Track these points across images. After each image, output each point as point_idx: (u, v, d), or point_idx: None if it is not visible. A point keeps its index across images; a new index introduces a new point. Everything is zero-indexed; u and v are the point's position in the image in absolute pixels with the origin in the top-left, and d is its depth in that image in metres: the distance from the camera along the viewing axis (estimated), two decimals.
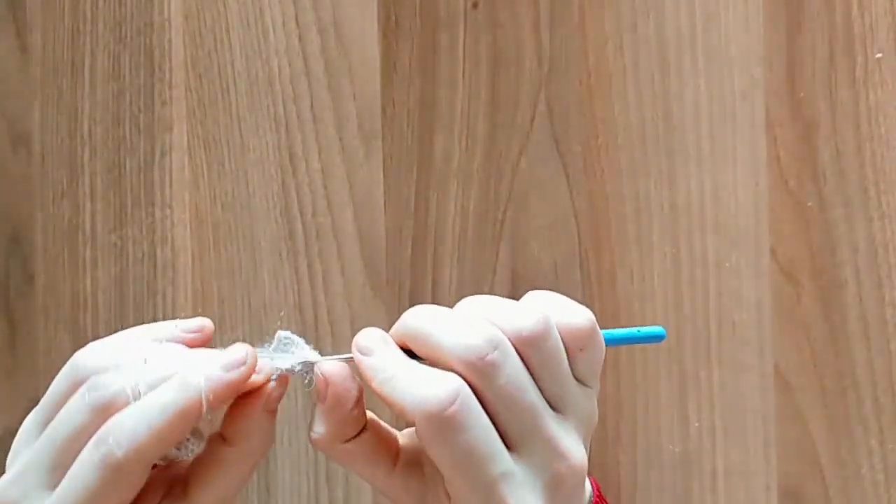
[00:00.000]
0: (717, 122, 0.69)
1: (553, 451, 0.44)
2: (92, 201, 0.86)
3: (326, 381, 0.46)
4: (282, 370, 0.47)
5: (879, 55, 0.65)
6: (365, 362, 0.45)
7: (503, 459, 0.44)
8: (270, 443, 0.47)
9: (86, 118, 0.86)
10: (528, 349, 0.44)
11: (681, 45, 0.69)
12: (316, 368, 0.47)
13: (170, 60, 0.83)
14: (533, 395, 0.44)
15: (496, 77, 0.74)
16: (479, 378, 0.43)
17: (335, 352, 0.77)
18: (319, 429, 0.46)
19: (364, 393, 0.47)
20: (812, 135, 0.67)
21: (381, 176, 0.77)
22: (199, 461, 0.47)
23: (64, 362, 0.48)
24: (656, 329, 0.49)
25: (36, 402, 0.49)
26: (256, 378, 0.46)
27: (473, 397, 0.43)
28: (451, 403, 0.42)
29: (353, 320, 0.77)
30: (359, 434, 0.47)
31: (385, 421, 0.49)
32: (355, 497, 0.78)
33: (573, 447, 0.45)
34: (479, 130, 0.74)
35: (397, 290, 0.77)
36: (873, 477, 0.66)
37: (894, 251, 0.65)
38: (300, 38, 0.79)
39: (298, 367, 0.47)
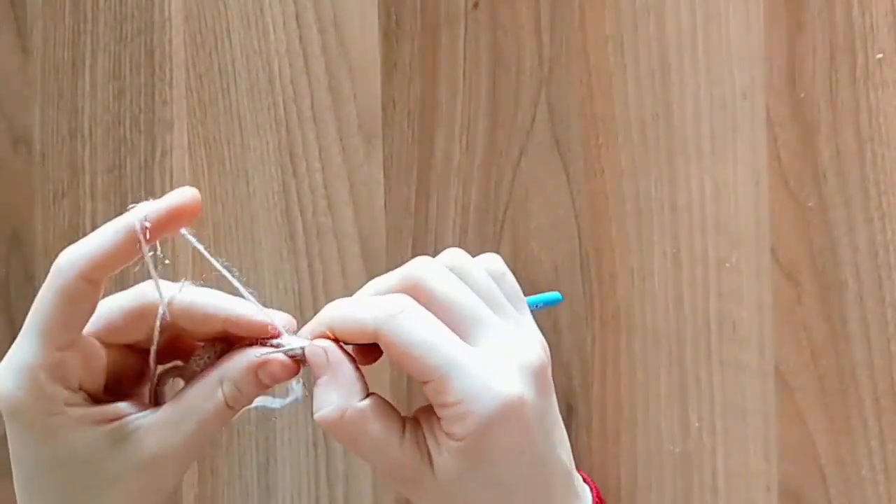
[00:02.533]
0: (717, 122, 0.69)
1: (511, 343, 0.49)
2: (92, 201, 0.86)
3: (325, 351, 0.49)
4: (298, 349, 0.49)
5: (880, 56, 0.65)
6: (322, 318, 0.50)
7: (462, 345, 0.48)
8: (241, 407, 0.51)
9: (86, 118, 0.86)
10: (455, 270, 0.50)
11: (681, 45, 0.69)
12: (308, 348, 0.50)
13: (170, 60, 0.83)
14: (471, 295, 0.50)
15: (496, 77, 0.74)
16: (415, 291, 0.49)
17: None
18: (328, 399, 0.48)
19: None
20: (812, 135, 0.67)
21: (381, 176, 0.77)
22: (177, 395, 0.50)
23: None
24: (553, 294, 0.60)
25: None
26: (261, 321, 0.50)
27: (414, 301, 0.49)
28: (399, 303, 0.48)
29: None
30: (367, 398, 0.49)
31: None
32: (355, 497, 0.78)
33: (529, 342, 0.50)
34: (479, 130, 0.74)
35: None
36: (874, 477, 0.66)
37: (895, 251, 0.65)
38: (300, 38, 0.79)
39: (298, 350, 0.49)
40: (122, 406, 0.49)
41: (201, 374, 0.50)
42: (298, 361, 0.50)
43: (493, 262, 0.53)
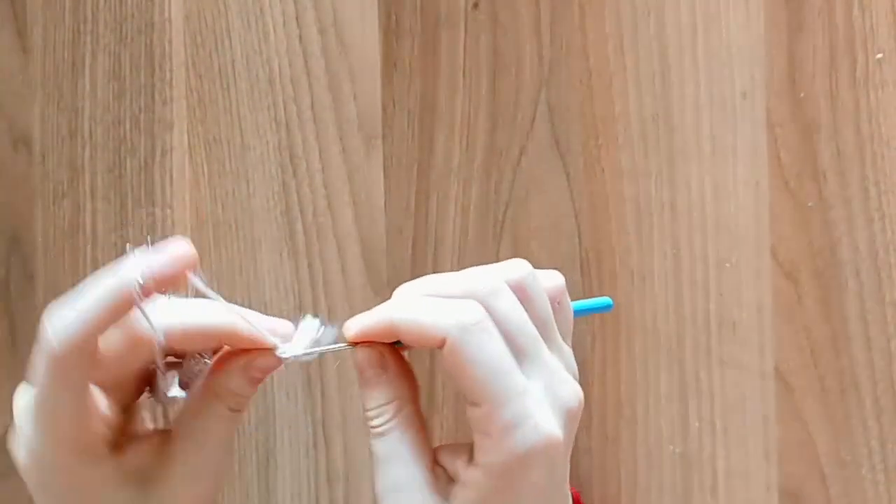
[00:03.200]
0: (717, 122, 0.69)
1: (557, 379, 0.48)
2: (92, 201, 0.86)
3: (382, 361, 0.49)
4: (290, 357, 0.48)
5: (880, 56, 0.65)
6: (379, 315, 0.48)
7: (519, 374, 0.47)
8: (246, 405, 0.50)
9: (86, 118, 0.86)
10: (519, 291, 0.48)
11: (681, 45, 0.69)
12: (365, 354, 0.49)
13: (170, 60, 0.83)
14: (531, 326, 0.48)
15: (496, 77, 0.74)
16: (487, 306, 0.47)
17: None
18: (379, 398, 0.49)
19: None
20: (813, 135, 0.67)
21: (382, 176, 0.77)
22: (183, 413, 0.50)
23: None
24: (603, 300, 0.57)
25: None
26: (265, 341, 0.49)
27: (489, 317, 0.47)
28: (478, 317, 0.46)
29: None
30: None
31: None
32: (355, 497, 0.78)
33: (572, 380, 0.49)
34: (479, 130, 0.74)
35: None
36: (874, 477, 0.66)
37: (895, 251, 0.65)
38: (300, 38, 0.79)
39: (310, 355, 0.48)
40: (140, 452, 0.49)
41: (198, 394, 0.49)
42: (280, 356, 0.49)
43: (554, 280, 0.51)
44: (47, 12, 0.88)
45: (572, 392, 0.49)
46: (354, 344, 0.49)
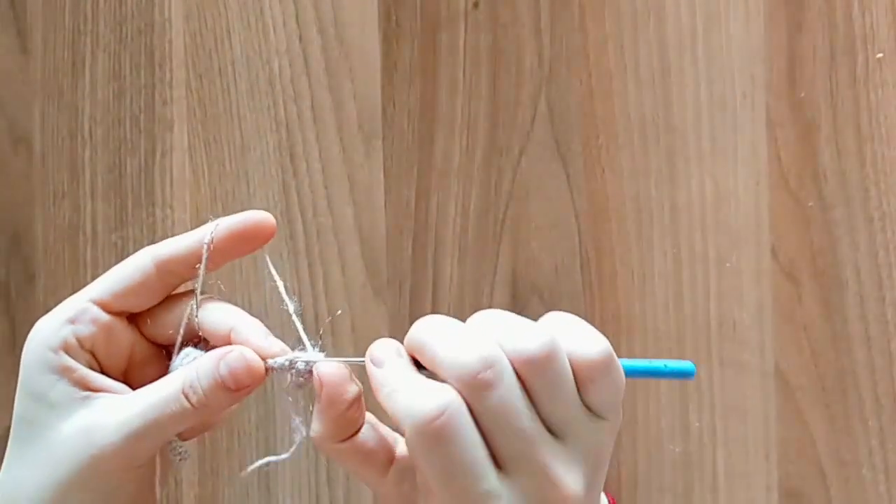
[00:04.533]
0: (717, 122, 0.69)
1: (544, 478, 0.43)
2: (92, 201, 0.86)
3: (322, 382, 0.46)
4: (280, 364, 0.48)
5: (880, 55, 0.65)
6: (374, 373, 0.45)
7: (489, 478, 0.43)
8: (223, 412, 0.49)
9: (86, 118, 0.86)
10: (530, 372, 0.43)
11: (681, 45, 0.69)
12: (315, 369, 0.47)
13: (170, 60, 0.83)
14: (527, 418, 0.43)
15: (496, 77, 0.74)
16: (471, 395, 0.42)
17: (336, 352, 0.78)
18: (315, 426, 0.47)
19: (362, 395, 0.47)
20: (813, 135, 0.67)
21: (382, 176, 0.77)
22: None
23: None
24: (685, 364, 0.47)
25: None
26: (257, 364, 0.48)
27: (466, 413, 0.42)
28: (439, 416, 0.42)
29: (354, 320, 0.77)
30: (354, 434, 0.47)
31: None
32: (355, 498, 0.78)
33: (567, 476, 0.44)
34: (479, 130, 0.74)
35: (398, 290, 0.77)
36: (874, 477, 0.66)
37: (895, 251, 0.65)
38: (300, 38, 0.79)
39: (301, 365, 0.48)
40: (113, 385, 0.49)
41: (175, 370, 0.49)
42: (267, 370, 0.48)
43: (591, 353, 0.44)
44: (47, 12, 0.88)
45: (558, 496, 0.43)
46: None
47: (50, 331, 0.49)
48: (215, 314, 0.50)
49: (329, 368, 0.46)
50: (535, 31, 0.73)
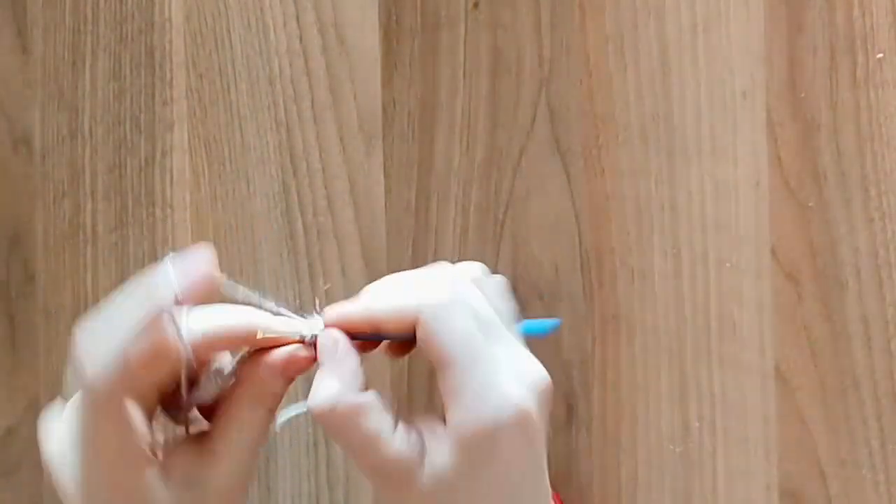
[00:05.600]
0: (717, 122, 0.69)
1: (525, 360, 0.49)
2: (93, 201, 0.86)
3: (336, 340, 0.49)
4: (309, 336, 0.49)
5: (881, 55, 0.65)
6: (359, 302, 0.50)
7: (491, 347, 0.48)
8: (279, 400, 0.50)
9: (86, 118, 0.86)
10: (477, 282, 0.49)
11: (681, 45, 0.69)
12: (321, 337, 0.49)
13: (170, 60, 0.83)
14: (492, 308, 0.49)
15: (497, 77, 0.74)
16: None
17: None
18: (327, 384, 0.48)
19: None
20: (813, 135, 0.67)
21: (382, 176, 0.77)
22: (218, 421, 0.50)
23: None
24: (550, 321, 0.55)
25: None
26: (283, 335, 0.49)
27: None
28: (454, 289, 0.48)
29: None
30: (364, 392, 0.49)
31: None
32: (355, 498, 0.78)
33: (534, 359, 0.49)
34: (479, 130, 0.74)
35: None
36: (874, 477, 0.66)
37: (895, 251, 0.65)
38: (301, 38, 0.79)
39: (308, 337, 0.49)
40: (181, 455, 0.49)
41: (232, 401, 0.49)
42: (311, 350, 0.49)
43: (501, 282, 0.52)
44: (47, 12, 0.88)
45: (539, 373, 0.49)
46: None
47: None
48: (218, 338, 0.49)
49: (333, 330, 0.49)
50: (535, 31, 0.73)
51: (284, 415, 0.52)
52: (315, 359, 0.49)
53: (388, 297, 0.49)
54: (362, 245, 0.78)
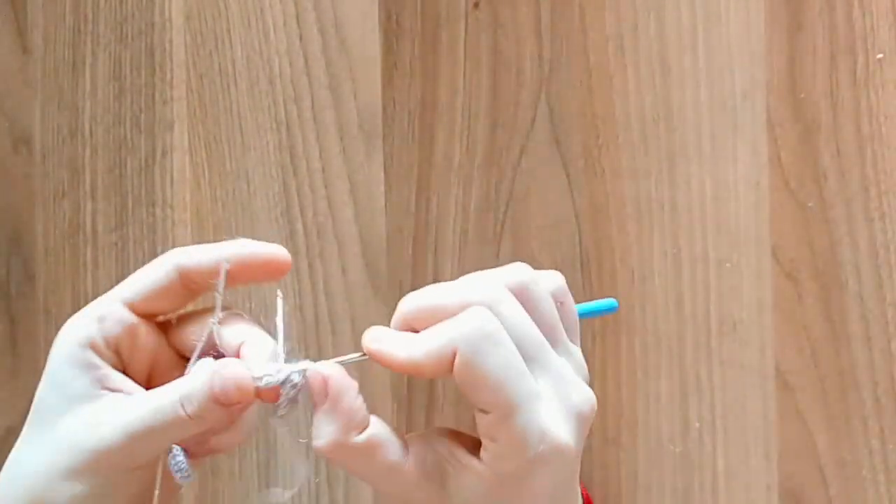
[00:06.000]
0: (717, 123, 0.69)
1: (567, 384, 0.47)
2: (93, 201, 0.86)
3: (325, 379, 0.47)
4: (268, 382, 0.48)
5: (881, 56, 0.65)
6: (384, 341, 0.48)
7: (531, 378, 0.46)
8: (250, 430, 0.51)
9: (87, 118, 0.86)
10: (522, 295, 0.47)
11: (681, 45, 0.69)
12: (308, 373, 0.47)
13: (171, 60, 0.83)
14: (536, 330, 0.47)
15: (497, 77, 0.74)
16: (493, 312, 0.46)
17: (336, 352, 0.78)
18: (326, 430, 0.47)
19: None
20: (813, 135, 0.67)
21: (382, 176, 0.77)
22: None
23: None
24: (608, 301, 0.56)
25: None
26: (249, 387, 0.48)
27: (499, 322, 0.46)
28: (489, 321, 0.45)
29: (354, 320, 0.78)
30: (366, 427, 0.48)
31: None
32: (355, 498, 0.78)
33: (583, 383, 0.48)
34: (479, 130, 0.74)
35: (398, 291, 0.77)
36: (874, 477, 0.66)
37: (895, 251, 0.65)
38: (301, 38, 0.79)
39: (295, 376, 0.48)
40: (132, 387, 0.50)
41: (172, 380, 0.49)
42: (274, 389, 0.48)
43: (556, 282, 0.50)
44: (47, 12, 0.88)
45: (584, 396, 0.48)
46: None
47: (79, 327, 0.50)
48: (233, 329, 0.50)
49: (326, 365, 0.47)
50: (535, 31, 0.73)
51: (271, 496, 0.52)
52: (250, 398, 0.48)
53: (423, 341, 0.46)
54: (362, 245, 0.78)
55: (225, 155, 0.82)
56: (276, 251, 0.51)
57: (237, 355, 0.49)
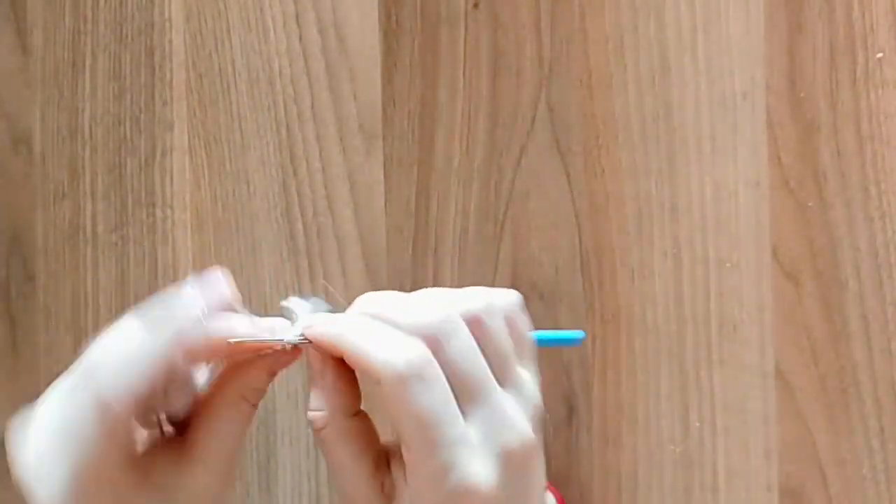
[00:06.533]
0: (717, 122, 0.69)
1: (501, 422, 0.47)
2: (93, 201, 0.86)
3: (323, 360, 0.47)
4: (289, 341, 0.48)
5: (880, 55, 0.65)
6: (338, 334, 0.47)
7: (459, 423, 0.46)
8: (262, 396, 0.49)
9: (86, 118, 0.86)
10: (476, 326, 0.47)
11: (681, 45, 0.69)
12: (309, 353, 0.48)
13: (170, 61, 0.83)
14: (482, 366, 0.47)
15: (497, 77, 0.74)
16: (434, 346, 0.46)
17: None
18: (318, 404, 0.47)
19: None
20: (813, 135, 0.67)
21: (382, 176, 0.77)
22: (197, 425, 0.49)
23: (64, 363, 0.48)
24: (575, 333, 0.54)
25: (37, 402, 0.49)
26: (264, 341, 0.48)
27: (436, 362, 0.45)
28: (420, 363, 0.45)
29: None
30: (356, 415, 0.48)
31: None
32: None
33: (520, 420, 0.47)
34: (479, 130, 0.74)
35: (398, 291, 0.76)
36: (874, 477, 0.66)
37: (895, 251, 0.65)
38: (301, 38, 0.79)
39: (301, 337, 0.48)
40: (163, 455, 0.49)
41: (216, 397, 0.49)
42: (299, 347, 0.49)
43: (510, 302, 0.50)
44: (47, 12, 0.88)
45: (516, 436, 0.47)
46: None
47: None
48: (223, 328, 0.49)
49: (314, 327, 0.48)
50: (535, 31, 0.73)
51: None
52: (298, 354, 0.49)
53: (360, 341, 0.46)
54: (362, 245, 0.78)
55: (225, 155, 0.82)
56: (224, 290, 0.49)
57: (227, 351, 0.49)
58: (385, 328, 0.46)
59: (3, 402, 0.89)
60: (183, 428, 0.50)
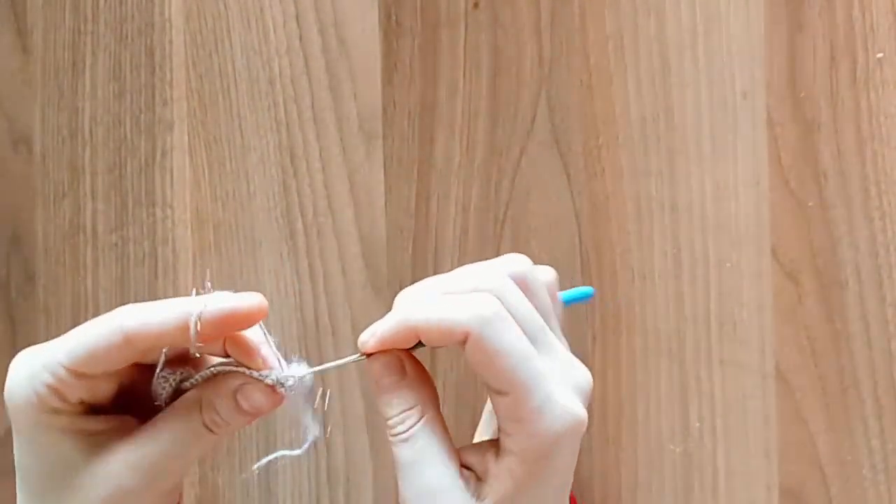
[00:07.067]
0: (717, 122, 0.69)
1: (568, 363, 0.49)
2: (93, 201, 0.86)
3: (390, 337, 0.48)
4: (287, 380, 0.48)
5: (880, 55, 0.65)
6: (393, 318, 0.48)
7: (541, 361, 0.48)
8: (224, 432, 0.50)
9: (86, 118, 0.86)
10: (522, 285, 0.49)
11: (681, 45, 0.69)
12: (383, 359, 0.49)
13: (171, 60, 0.83)
14: (537, 316, 0.49)
15: (497, 77, 0.74)
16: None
17: (336, 353, 0.78)
18: (405, 402, 0.49)
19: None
20: (813, 135, 0.67)
21: (382, 176, 0.77)
22: (163, 412, 0.50)
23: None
24: (584, 289, 0.59)
25: None
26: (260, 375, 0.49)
27: (504, 308, 0.47)
28: (497, 307, 0.47)
29: (354, 321, 0.78)
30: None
31: None
32: (355, 498, 0.78)
33: (577, 360, 0.50)
34: (479, 130, 0.74)
35: (398, 291, 0.76)
36: (874, 477, 0.66)
37: (895, 251, 0.65)
38: (301, 38, 0.79)
39: (307, 380, 0.48)
40: (108, 421, 0.49)
41: (185, 394, 0.49)
42: (280, 392, 0.49)
43: (548, 275, 0.53)
44: (47, 12, 0.88)
45: (583, 373, 0.50)
46: (369, 354, 0.49)
47: (30, 399, 0.48)
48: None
49: (375, 333, 0.49)
50: (535, 31, 0.73)
51: (281, 453, 0.52)
52: (280, 401, 0.49)
53: (432, 311, 0.47)
54: (362, 245, 0.78)
55: (225, 155, 0.82)
56: (245, 303, 0.49)
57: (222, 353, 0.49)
58: (447, 296, 0.48)
59: (2, 401, 0.89)
60: (143, 419, 0.50)
